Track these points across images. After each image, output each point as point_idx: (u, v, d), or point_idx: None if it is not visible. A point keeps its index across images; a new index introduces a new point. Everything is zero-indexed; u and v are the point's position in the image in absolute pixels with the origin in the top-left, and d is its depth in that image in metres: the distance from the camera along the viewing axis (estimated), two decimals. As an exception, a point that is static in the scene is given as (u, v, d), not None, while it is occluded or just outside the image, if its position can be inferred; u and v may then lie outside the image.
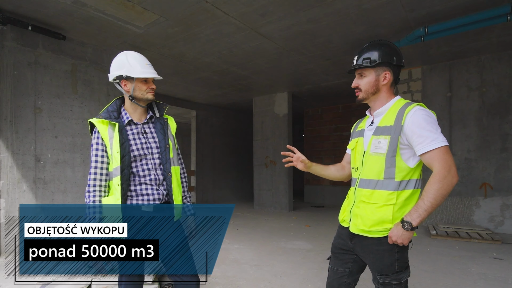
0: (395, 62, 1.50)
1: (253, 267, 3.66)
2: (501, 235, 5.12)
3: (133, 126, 1.75)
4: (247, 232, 5.61)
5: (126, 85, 1.69)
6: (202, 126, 9.79)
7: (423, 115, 1.38)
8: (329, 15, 4.10)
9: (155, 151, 1.75)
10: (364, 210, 1.49)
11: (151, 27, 4.35)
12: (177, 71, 6.40)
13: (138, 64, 1.68)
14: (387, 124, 1.46)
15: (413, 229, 1.32)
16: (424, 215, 1.31)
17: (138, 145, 1.71)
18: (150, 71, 1.71)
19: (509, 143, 5.39)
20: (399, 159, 1.42)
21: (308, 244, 4.70)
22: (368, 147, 1.53)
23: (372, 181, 1.48)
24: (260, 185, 8.71)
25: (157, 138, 1.78)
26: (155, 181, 1.71)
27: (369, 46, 1.55)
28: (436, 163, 1.33)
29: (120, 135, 1.64)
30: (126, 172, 1.64)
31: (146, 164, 1.72)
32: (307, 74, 6.68)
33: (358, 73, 1.57)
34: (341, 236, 1.66)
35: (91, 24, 4.21)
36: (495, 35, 4.83)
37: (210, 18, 4.12)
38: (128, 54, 1.72)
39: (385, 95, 1.55)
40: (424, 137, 1.34)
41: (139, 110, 1.77)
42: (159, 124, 1.82)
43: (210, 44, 4.97)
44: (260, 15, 4.06)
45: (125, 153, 1.64)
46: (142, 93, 1.70)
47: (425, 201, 1.31)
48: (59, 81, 4.46)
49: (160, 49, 5.15)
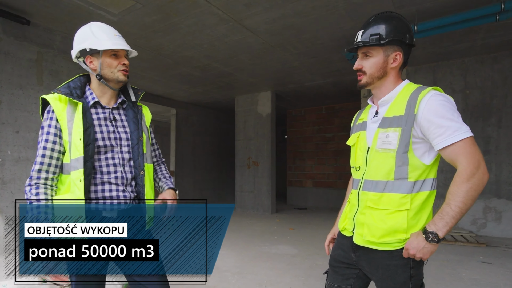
0: (407, 41, 1.25)
1: (236, 275, 3.37)
2: (484, 237, 5.07)
3: (100, 109, 1.42)
4: (228, 236, 5.31)
5: (92, 61, 1.37)
6: (183, 125, 9.39)
7: (440, 101, 1.13)
8: (317, 9, 3.89)
9: (125, 143, 1.43)
10: (371, 217, 1.23)
11: (126, 14, 4.00)
12: (155, 65, 6.03)
13: (105, 34, 1.37)
14: (396, 113, 1.21)
15: (438, 241, 1.08)
16: (451, 223, 1.07)
17: (104, 134, 1.38)
18: (121, 43, 1.39)
19: (492, 145, 5.37)
20: (412, 155, 1.17)
21: (293, 248, 4.46)
22: (373, 142, 1.26)
23: (380, 182, 1.22)
24: (242, 186, 8.42)
25: (128, 128, 1.46)
26: (122, 180, 1.39)
27: (378, 19, 1.27)
28: (461, 158, 1.09)
29: (84, 117, 1.31)
30: (89, 165, 1.30)
31: (112, 159, 1.39)
32: (291, 72, 6.47)
33: (363, 52, 1.29)
34: (342, 247, 1.40)
35: (59, 8, 3.81)
36: (480, 37, 4.78)
37: (191, 7, 3.82)
38: (92, 25, 1.40)
39: (393, 80, 1.29)
40: (445, 128, 1.10)
41: (109, 93, 1.45)
42: (132, 112, 1.50)
43: (191, 36, 4.66)
44: (245, 5, 3.80)
45: (89, 141, 1.31)
46: (112, 70, 1.38)
47: (452, 206, 1.07)
48: (22, 70, 4.02)
49: (136, 40, 4.79)
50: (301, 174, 9.85)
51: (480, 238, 4.92)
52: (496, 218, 5.24)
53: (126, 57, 1.44)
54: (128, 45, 1.44)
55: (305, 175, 9.74)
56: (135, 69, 6.21)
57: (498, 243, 4.75)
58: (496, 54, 5.36)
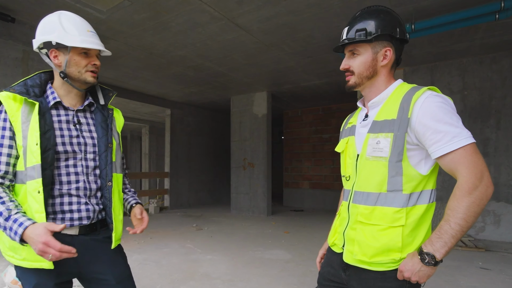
0: (398, 35, 1.12)
1: (226, 283, 3.24)
2: (482, 241, 4.97)
3: (62, 111, 1.26)
4: (222, 239, 5.18)
5: (57, 56, 1.21)
6: (178, 125, 9.25)
7: (437, 102, 1.00)
8: (311, 7, 3.77)
9: (90, 150, 1.27)
10: (363, 233, 1.10)
11: (115, 12, 3.87)
12: (148, 65, 5.90)
13: (75, 29, 1.20)
14: (388, 117, 1.08)
15: (436, 263, 0.95)
16: (451, 243, 0.93)
17: (66, 139, 1.22)
18: (93, 41, 1.23)
19: (490, 147, 5.27)
20: (407, 164, 1.04)
21: (287, 253, 4.34)
22: (363, 149, 1.13)
23: (372, 194, 1.09)
24: (237, 188, 8.29)
25: (95, 133, 1.30)
26: (85, 191, 1.24)
27: (364, 14, 1.15)
28: (462, 168, 0.95)
29: (41, 119, 1.15)
30: (48, 173, 1.14)
31: (74, 166, 1.23)
32: (287, 72, 6.35)
33: (350, 51, 1.17)
34: (331, 264, 1.26)
35: (44, 5, 3.67)
36: (479, 37, 4.68)
37: (181, 4, 3.69)
38: (62, 15, 1.22)
39: (384, 80, 1.16)
40: (443, 133, 0.97)
41: (73, 93, 1.29)
42: (101, 116, 1.34)
43: (183, 35, 4.53)
44: (237, 3, 3.68)
45: (48, 146, 1.15)
46: (80, 70, 1.22)
47: (451, 224, 0.94)
48: (7, 69, 3.90)
49: (127, 38, 4.66)
50: (297, 176, 9.73)
51: (479, 243, 4.81)
52: (495, 221, 5.14)
53: (97, 57, 1.29)
54: (102, 44, 1.29)
55: (302, 177, 9.62)
56: (127, 68, 6.08)
57: (497, 247, 4.64)
58: (495, 54, 5.26)
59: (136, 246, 4.70)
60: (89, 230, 1.26)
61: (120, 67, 6.00)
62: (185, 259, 4.06)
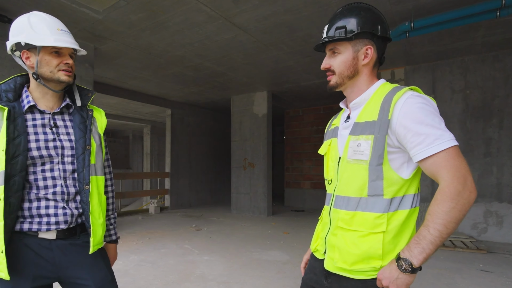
0: (379, 33, 1.07)
1: (221, 285, 3.20)
2: (485, 243, 4.89)
3: (38, 114, 1.23)
4: (220, 240, 5.15)
5: (29, 58, 1.18)
6: (178, 125, 9.24)
7: (418, 103, 0.96)
8: (308, 5, 3.72)
9: (68, 153, 1.24)
10: (343, 240, 1.05)
11: (111, 12, 3.85)
12: (147, 65, 5.88)
13: (46, 27, 1.17)
14: (369, 118, 1.03)
15: (414, 271, 0.90)
16: (429, 250, 0.88)
17: (41, 143, 1.19)
18: (64, 39, 1.19)
19: (493, 147, 5.18)
20: (388, 168, 0.99)
21: (285, 255, 4.29)
22: (344, 151, 1.08)
23: (352, 199, 1.04)
24: (237, 188, 8.26)
25: (73, 136, 1.27)
26: (62, 195, 1.21)
27: (344, 11, 1.11)
28: (443, 172, 0.90)
29: (11, 125, 1.12)
30: (17, 180, 1.11)
31: (51, 171, 1.20)
32: (286, 72, 6.30)
33: (330, 49, 1.13)
34: (313, 271, 1.22)
35: (41, 5, 3.67)
36: (480, 35, 4.60)
37: (177, 3, 3.66)
38: (31, 15, 1.19)
39: (366, 80, 1.11)
40: (424, 135, 0.92)
41: (49, 95, 1.25)
42: (79, 117, 1.30)
43: (180, 34, 4.50)
44: (233, 2, 3.64)
45: (17, 152, 1.12)
46: (52, 70, 1.19)
47: (430, 230, 0.89)
48: (4, 70, 3.89)
49: (124, 38, 4.64)
50: (299, 176, 9.68)
51: (481, 244, 4.73)
52: (497, 222, 5.05)
53: (71, 56, 1.25)
54: (76, 42, 1.25)
55: (303, 177, 9.56)
56: (126, 69, 6.07)
57: (499, 249, 4.56)
58: (497, 53, 5.18)
59: (134, 246, 4.69)
60: (67, 234, 1.23)
61: (119, 67, 5.99)
62: (182, 260, 4.03)
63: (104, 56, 5.37)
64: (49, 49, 1.18)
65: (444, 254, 4.35)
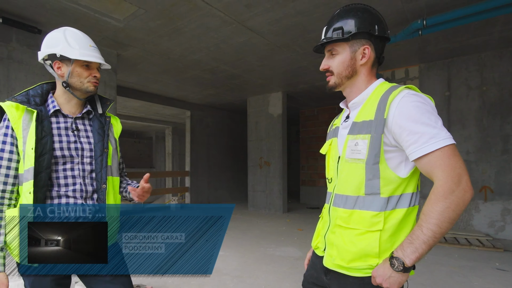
0: (376, 33, 1.06)
1: (235, 279, 3.24)
2: (502, 241, 4.68)
3: (61, 118, 1.32)
4: (236, 236, 5.20)
5: (61, 68, 1.28)
6: (197, 126, 9.38)
7: (414, 102, 0.94)
8: (319, 6, 3.70)
9: (87, 154, 1.33)
10: (341, 238, 1.05)
11: (132, 20, 3.96)
12: (166, 69, 6.01)
13: (78, 44, 1.28)
14: (366, 118, 1.02)
15: (406, 270, 0.88)
16: (422, 250, 0.87)
17: (64, 144, 1.28)
18: (94, 55, 1.30)
19: (511, 144, 4.96)
20: (385, 167, 0.98)
21: (298, 251, 4.28)
22: (343, 151, 1.08)
23: (350, 197, 1.04)
24: (254, 186, 8.30)
25: (92, 139, 1.36)
26: (81, 192, 1.28)
27: (341, 13, 1.10)
28: (438, 171, 0.88)
29: (39, 126, 1.22)
30: (43, 176, 1.20)
31: (71, 170, 1.28)
32: (300, 72, 6.27)
33: (328, 50, 1.13)
34: (314, 267, 1.22)
35: (67, 16, 3.82)
36: (497, 30, 4.40)
37: (192, 10, 3.72)
38: (67, 30, 1.30)
39: (364, 79, 1.10)
40: (419, 134, 0.90)
41: (74, 101, 1.35)
42: (98, 123, 1.40)
43: (196, 39, 4.57)
44: (246, 6, 3.66)
45: (44, 150, 1.21)
46: (82, 81, 1.30)
47: (424, 229, 0.87)
48: (35, 77, 4.07)
49: (144, 45, 4.76)
50: (314, 174, 9.60)
51: (498, 242, 4.54)
52: (515, 221, 4.84)
53: (98, 70, 1.36)
54: (103, 57, 1.36)
55: (318, 175, 9.47)
56: (147, 73, 6.22)
57: (517, 247, 4.37)
58: (515, 48, 4.94)
59: (155, 241, 4.80)
60: None
61: (141, 72, 6.14)
62: (199, 254, 4.10)
63: (126, 62, 5.52)
64: (81, 62, 1.28)
65: (458, 252, 4.21)
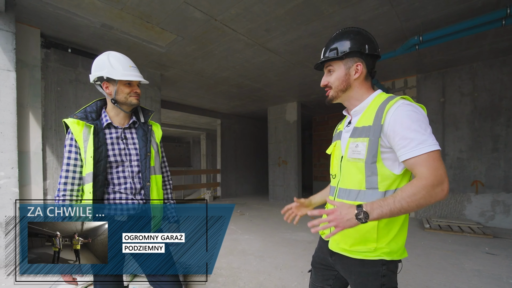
0: (367, 51, 1.05)
1: (257, 258, 3.26)
2: (491, 229, 4.40)
3: (113, 129, 1.37)
4: (259, 223, 5.21)
5: (108, 87, 1.32)
6: (226, 132, 9.51)
7: (407, 111, 0.93)
8: (328, 28, 3.66)
9: (134, 158, 1.37)
10: None
11: (172, 46, 4.10)
12: (200, 85, 6.15)
13: (120, 65, 1.31)
14: (365, 124, 1.02)
15: (362, 222, 0.87)
16: (385, 215, 0.87)
17: (116, 151, 1.33)
18: (134, 74, 1.33)
19: (501, 143, 4.67)
20: (381, 165, 0.98)
21: (311, 235, 4.23)
22: (345, 151, 1.09)
23: (353, 191, 1.04)
24: (274, 181, 8.28)
25: (138, 145, 1.39)
26: (131, 190, 1.33)
27: (337, 36, 1.11)
28: (423, 169, 0.88)
29: (95, 138, 1.28)
30: (100, 178, 1.27)
31: (123, 172, 1.34)
32: (312, 85, 6.21)
33: (326, 68, 1.13)
34: (321, 250, 1.23)
35: (121, 45, 4.02)
36: (488, 43, 4.17)
37: (221, 36, 3.81)
38: (110, 55, 1.34)
39: (360, 92, 1.09)
40: (409, 140, 0.90)
41: (121, 114, 1.39)
42: (142, 131, 1.43)
43: (225, 60, 4.66)
44: (265, 31, 3.70)
45: (100, 158, 1.27)
46: (125, 96, 1.33)
47: (396, 202, 0.86)
48: (96, 95, 4.30)
49: (182, 66, 4.91)
50: (325, 171, 9.46)
51: (487, 230, 4.26)
52: (504, 210, 4.53)
53: (138, 86, 1.39)
54: (141, 75, 1.39)
55: (328, 171, 9.25)
56: (185, 89, 6.39)
57: (505, 234, 4.08)
58: (505, 58, 4.65)
59: (192, 226, 4.91)
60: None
61: (180, 88, 6.33)
62: (228, 238, 4.15)
63: (168, 81, 5.71)
64: (123, 81, 1.32)
65: (451, 238, 4.00)
